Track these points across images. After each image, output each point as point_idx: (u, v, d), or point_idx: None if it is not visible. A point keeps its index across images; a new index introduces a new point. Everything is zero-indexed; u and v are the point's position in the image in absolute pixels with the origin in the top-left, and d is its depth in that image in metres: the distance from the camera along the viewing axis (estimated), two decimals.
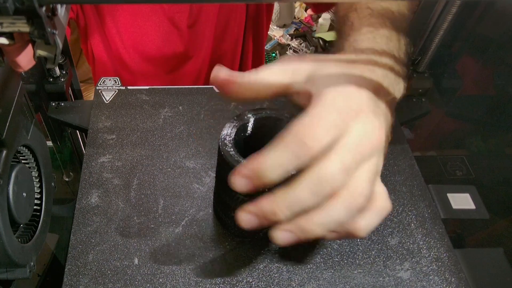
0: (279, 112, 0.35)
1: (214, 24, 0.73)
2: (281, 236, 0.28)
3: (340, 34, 0.42)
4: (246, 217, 0.29)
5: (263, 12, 0.78)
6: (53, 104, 0.52)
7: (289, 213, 0.28)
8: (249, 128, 0.35)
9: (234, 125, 0.34)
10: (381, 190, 0.31)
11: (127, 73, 0.77)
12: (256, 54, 0.85)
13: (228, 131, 0.33)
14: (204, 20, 0.72)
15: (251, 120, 0.35)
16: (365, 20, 0.40)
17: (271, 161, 0.27)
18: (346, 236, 0.31)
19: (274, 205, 0.28)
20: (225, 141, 0.33)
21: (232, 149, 0.32)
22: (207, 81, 0.82)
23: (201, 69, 0.79)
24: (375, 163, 0.30)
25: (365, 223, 0.30)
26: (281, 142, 0.27)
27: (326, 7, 0.90)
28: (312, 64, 0.32)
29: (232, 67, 0.83)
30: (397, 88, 0.36)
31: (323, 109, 0.27)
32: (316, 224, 0.28)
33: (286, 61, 0.33)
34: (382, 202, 0.31)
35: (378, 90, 0.32)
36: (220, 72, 0.31)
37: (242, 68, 0.86)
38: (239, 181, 0.28)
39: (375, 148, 0.29)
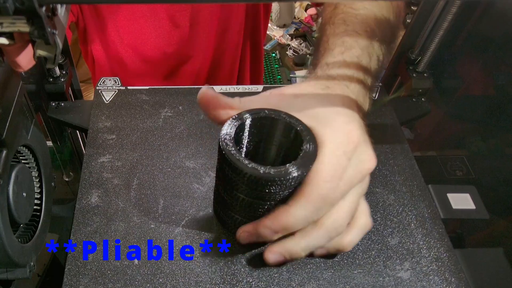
0: (276, 112, 0.35)
1: (215, 23, 0.73)
2: (272, 257, 0.35)
3: (317, 47, 0.43)
4: (244, 234, 0.36)
5: (261, 12, 0.78)
6: (53, 104, 0.52)
7: (277, 236, 0.34)
8: (248, 128, 0.35)
9: (233, 125, 0.34)
10: (363, 208, 0.36)
11: (125, 75, 0.77)
12: (254, 54, 0.85)
13: (228, 131, 0.33)
14: (205, 19, 0.72)
15: (250, 120, 0.35)
16: (338, 38, 0.41)
17: (298, 217, 0.32)
18: (333, 252, 0.36)
19: (267, 231, 0.33)
20: (226, 140, 0.33)
21: (233, 148, 0.32)
22: (206, 81, 0.82)
23: (200, 70, 0.79)
24: (362, 188, 0.34)
25: (349, 240, 0.35)
26: (305, 198, 0.31)
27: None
28: (291, 99, 0.36)
29: (231, 67, 0.82)
30: (366, 102, 0.39)
31: (334, 157, 0.31)
32: (302, 248, 0.34)
33: (268, 97, 0.36)
34: (364, 220, 0.35)
35: (359, 109, 0.35)
36: (208, 91, 0.35)
37: (241, 68, 0.85)
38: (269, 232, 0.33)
39: (365, 175, 0.33)
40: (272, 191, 0.32)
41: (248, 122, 0.35)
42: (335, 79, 0.37)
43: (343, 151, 0.31)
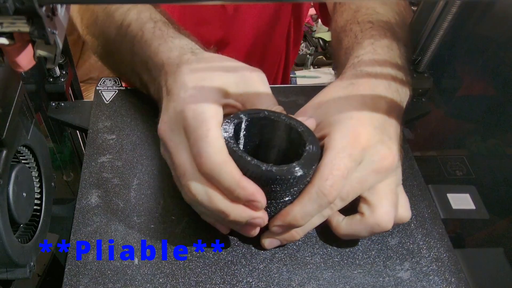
0: (276, 114, 0.35)
1: (257, 13, 0.70)
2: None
3: (342, 44, 0.45)
4: (266, 242, 0.37)
5: (303, 18, 0.76)
6: (53, 104, 0.52)
7: (303, 233, 0.36)
8: (246, 128, 0.35)
9: (232, 123, 0.34)
10: (401, 201, 0.37)
11: None
12: (288, 58, 0.83)
13: (226, 128, 0.33)
14: (249, 6, 0.69)
15: (248, 120, 0.35)
16: (367, 33, 0.43)
17: (302, 213, 0.33)
18: None
19: (293, 233, 0.36)
20: (226, 138, 0.33)
21: (235, 145, 0.32)
22: None
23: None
24: (393, 181, 0.36)
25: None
26: (307, 196, 0.33)
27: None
28: (313, 110, 0.37)
29: (270, 68, 0.79)
30: (402, 92, 0.38)
31: (337, 158, 0.33)
32: (344, 236, 0.37)
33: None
34: (401, 212, 0.36)
35: (385, 108, 0.36)
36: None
37: (278, 71, 0.82)
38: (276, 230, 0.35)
39: (384, 173, 0.35)
40: (273, 189, 0.32)
41: (245, 122, 0.35)
42: (363, 75, 0.38)
43: (348, 153, 0.33)
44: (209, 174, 0.32)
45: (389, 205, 0.35)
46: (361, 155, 0.34)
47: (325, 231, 0.39)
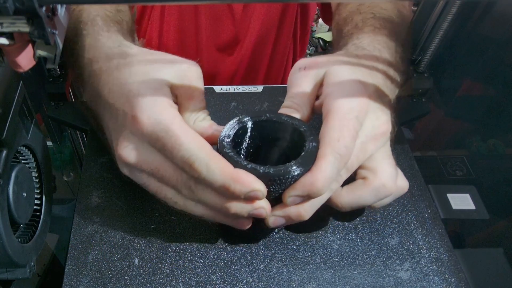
0: (278, 115, 0.35)
1: (264, 11, 0.70)
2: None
3: (342, 33, 0.45)
4: (274, 219, 0.33)
5: (309, 17, 0.77)
6: (53, 104, 0.52)
7: (311, 212, 0.33)
8: (250, 131, 0.35)
9: (233, 127, 0.34)
10: (398, 171, 0.36)
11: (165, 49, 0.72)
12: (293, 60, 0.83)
13: (227, 133, 0.33)
14: (256, 5, 0.70)
15: (251, 123, 0.35)
16: (368, 22, 0.43)
17: (323, 179, 0.31)
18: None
19: (301, 211, 0.33)
20: (223, 142, 0.33)
21: (230, 150, 0.32)
22: (245, 75, 0.77)
23: (243, 58, 0.75)
24: (387, 148, 0.36)
25: (380, 202, 0.36)
26: (324, 160, 0.31)
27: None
28: (325, 66, 0.37)
29: (278, 67, 0.79)
30: (392, 91, 0.39)
31: (345, 119, 0.32)
32: (346, 205, 0.35)
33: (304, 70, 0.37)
34: (401, 182, 0.36)
35: (378, 92, 0.36)
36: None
37: (284, 70, 0.82)
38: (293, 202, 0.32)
39: (383, 138, 0.35)
40: (272, 190, 0.32)
41: (249, 125, 0.35)
42: (365, 50, 0.39)
43: (355, 116, 0.32)
44: (207, 179, 0.30)
45: (391, 166, 0.35)
46: (364, 120, 0.33)
47: (325, 231, 0.39)
